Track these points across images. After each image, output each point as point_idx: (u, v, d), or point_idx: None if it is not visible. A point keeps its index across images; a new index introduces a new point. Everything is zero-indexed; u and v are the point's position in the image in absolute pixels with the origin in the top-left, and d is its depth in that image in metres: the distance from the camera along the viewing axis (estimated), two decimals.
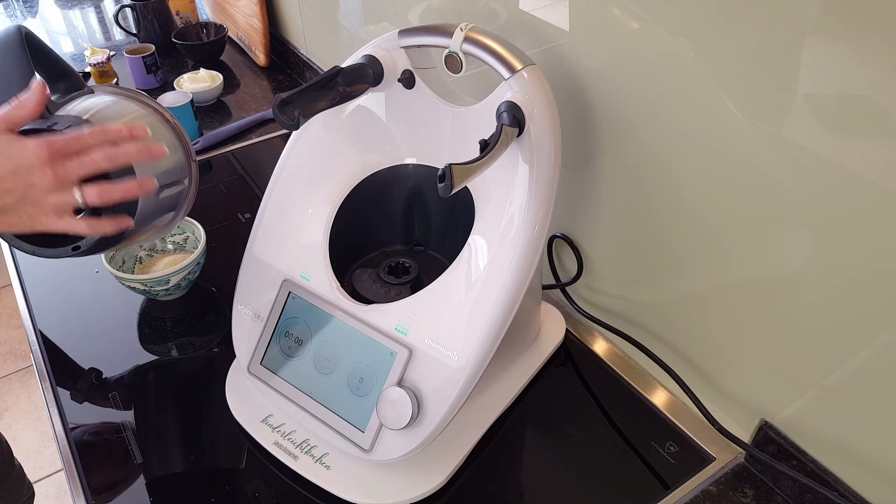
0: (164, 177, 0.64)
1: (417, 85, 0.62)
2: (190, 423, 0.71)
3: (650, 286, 0.71)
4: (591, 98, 0.66)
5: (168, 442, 0.69)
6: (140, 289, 0.81)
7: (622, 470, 0.66)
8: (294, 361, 0.64)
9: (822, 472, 0.59)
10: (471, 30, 0.58)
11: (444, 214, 0.70)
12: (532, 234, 0.55)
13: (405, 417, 0.56)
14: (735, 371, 0.65)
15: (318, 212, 0.65)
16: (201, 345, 0.80)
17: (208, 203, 1.02)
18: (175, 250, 0.90)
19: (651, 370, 0.75)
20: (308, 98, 0.55)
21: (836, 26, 0.45)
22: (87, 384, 0.76)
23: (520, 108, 0.55)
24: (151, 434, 0.70)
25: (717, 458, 0.66)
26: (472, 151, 0.52)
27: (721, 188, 0.58)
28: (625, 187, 0.68)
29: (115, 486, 0.66)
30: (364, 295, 0.64)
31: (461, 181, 0.47)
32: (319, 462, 0.64)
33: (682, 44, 0.56)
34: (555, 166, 0.56)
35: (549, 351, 0.76)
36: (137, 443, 0.69)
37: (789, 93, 0.49)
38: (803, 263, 0.54)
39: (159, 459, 0.68)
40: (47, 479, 1.59)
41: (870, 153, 0.46)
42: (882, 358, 0.51)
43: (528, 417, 0.71)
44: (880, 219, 0.47)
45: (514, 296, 0.55)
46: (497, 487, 0.65)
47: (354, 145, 0.67)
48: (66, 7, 1.77)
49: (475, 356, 0.55)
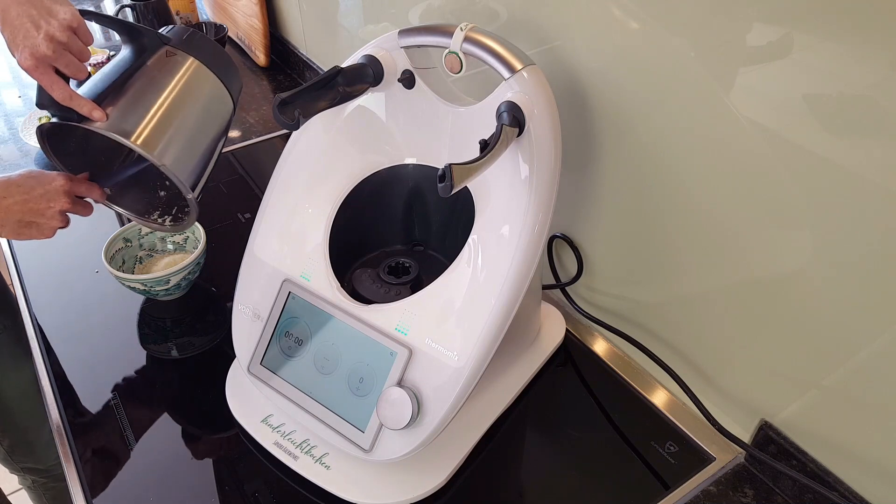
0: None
1: (417, 85, 0.62)
2: (190, 423, 0.71)
3: (650, 286, 0.71)
4: (591, 98, 0.66)
5: (168, 442, 0.69)
6: (140, 289, 0.81)
7: (622, 470, 0.66)
8: (294, 361, 0.64)
9: (822, 473, 0.59)
10: (471, 30, 0.58)
11: (444, 214, 0.70)
12: (532, 234, 0.55)
13: (405, 417, 0.56)
14: (735, 371, 0.65)
15: (318, 212, 0.65)
16: (201, 345, 0.80)
17: (208, 203, 1.02)
18: (175, 250, 0.90)
19: (651, 370, 0.75)
20: (308, 98, 0.55)
21: (837, 26, 0.45)
22: (87, 384, 0.76)
23: (520, 108, 0.55)
24: (151, 434, 0.70)
25: (717, 458, 0.66)
26: (472, 151, 0.52)
27: (721, 188, 0.58)
28: (625, 187, 0.68)
29: (114, 486, 0.66)
30: (364, 295, 0.64)
31: (461, 181, 0.47)
32: (319, 462, 0.64)
33: (682, 44, 0.56)
34: (555, 166, 0.56)
35: (549, 351, 0.76)
36: (137, 442, 0.69)
37: (789, 93, 0.49)
38: (803, 263, 0.54)
39: (159, 459, 0.68)
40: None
41: (870, 153, 0.46)
42: (882, 358, 0.52)
43: (528, 417, 0.71)
44: (880, 219, 0.47)
45: (514, 296, 0.55)
46: (497, 487, 0.65)
47: (354, 145, 0.67)
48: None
49: (475, 356, 0.55)
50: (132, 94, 0.67)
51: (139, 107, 0.66)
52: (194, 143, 0.70)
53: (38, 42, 0.61)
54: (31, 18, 0.61)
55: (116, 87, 0.66)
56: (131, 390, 0.75)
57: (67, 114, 0.64)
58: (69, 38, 0.63)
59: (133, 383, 0.76)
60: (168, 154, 0.66)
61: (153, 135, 0.66)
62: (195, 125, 0.70)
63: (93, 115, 0.63)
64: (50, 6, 0.62)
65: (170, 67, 0.69)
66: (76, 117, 0.64)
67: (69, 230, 0.72)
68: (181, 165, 0.68)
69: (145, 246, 0.88)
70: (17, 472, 1.09)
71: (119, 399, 0.74)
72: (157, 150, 0.66)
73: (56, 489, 1.14)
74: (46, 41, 0.61)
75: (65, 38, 0.62)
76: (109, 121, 0.64)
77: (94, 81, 0.67)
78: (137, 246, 0.88)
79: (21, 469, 1.08)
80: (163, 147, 0.66)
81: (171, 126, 0.68)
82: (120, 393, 0.74)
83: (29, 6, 0.62)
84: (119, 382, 0.76)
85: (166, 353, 0.80)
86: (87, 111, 0.63)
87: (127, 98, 0.66)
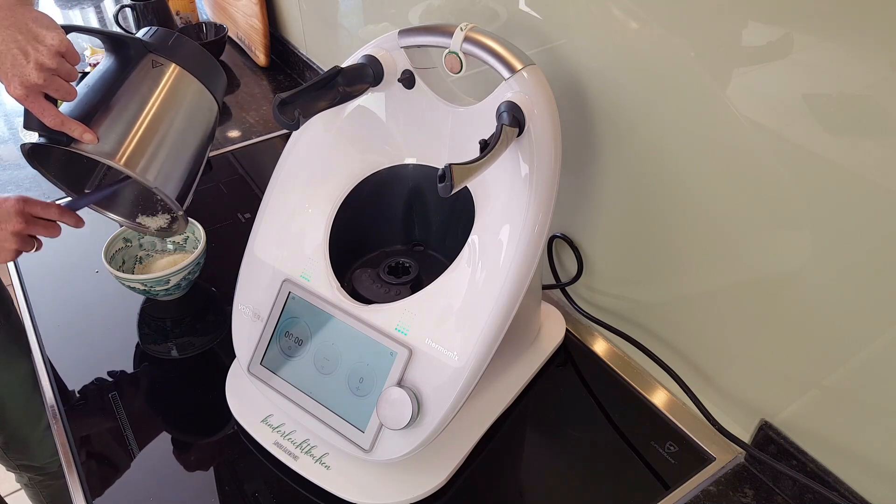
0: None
1: (417, 85, 0.62)
2: (190, 423, 0.71)
3: (650, 286, 0.71)
4: (591, 98, 0.66)
5: (168, 442, 0.69)
6: (140, 289, 0.81)
7: (622, 470, 0.66)
8: (294, 361, 0.64)
9: (822, 473, 0.59)
10: (471, 30, 0.58)
11: (444, 214, 0.70)
12: (532, 234, 0.55)
13: (405, 417, 0.56)
14: (735, 371, 0.65)
15: (318, 212, 0.65)
16: (201, 345, 0.80)
17: (208, 203, 1.02)
18: (175, 250, 0.90)
19: (651, 370, 0.75)
20: (308, 98, 0.55)
21: (837, 26, 0.45)
22: (87, 384, 0.76)
23: (520, 108, 0.55)
24: (151, 434, 0.70)
25: (717, 458, 0.66)
26: (472, 151, 0.52)
27: (721, 188, 0.58)
28: (625, 187, 0.68)
29: (114, 486, 0.66)
30: (364, 295, 0.64)
31: (461, 181, 0.47)
32: (319, 462, 0.64)
33: (682, 44, 0.56)
34: (555, 166, 0.56)
35: (549, 351, 0.76)
36: (137, 443, 0.69)
37: (789, 93, 0.49)
38: (803, 263, 0.54)
39: (159, 459, 0.68)
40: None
41: (870, 153, 0.46)
42: (882, 358, 0.51)
43: (528, 417, 0.71)
44: (880, 219, 0.47)
45: (514, 296, 0.55)
46: (497, 487, 0.65)
47: (354, 145, 0.67)
48: (66, 7, 1.77)
49: (475, 356, 0.55)
50: (121, 113, 0.67)
51: (129, 127, 0.67)
52: (183, 157, 0.71)
53: (28, 71, 0.60)
54: (17, 44, 0.60)
55: (103, 105, 0.66)
56: (131, 390, 0.75)
57: (57, 136, 0.64)
58: (59, 64, 0.62)
59: (133, 383, 0.76)
60: (161, 175, 0.68)
61: (147, 159, 0.67)
62: (183, 140, 0.71)
63: (84, 137, 0.64)
64: (36, 31, 0.61)
65: (156, 80, 0.69)
66: (65, 140, 0.64)
67: (69, 230, 0.72)
68: (171, 184, 0.69)
69: (145, 246, 0.88)
70: (13, 470, 1.09)
71: (119, 399, 0.74)
72: (152, 174, 0.67)
73: (53, 487, 1.14)
74: (37, 70, 0.60)
75: (54, 65, 0.61)
76: (101, 144, 0.65)
77: (80, 98, 0.66)
78: (137, 246, 0.87)
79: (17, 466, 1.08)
80: (156, 170, 0.67)
81: (162, 146, 0.68)
82: (120, 393, 0.74)
83: (14, 31, 0.60)
84: (119, 382, 0.76)
85: (166, 353, 0.80)
86: (78, 134, 0.63)
87: (115, 117, 0.66)
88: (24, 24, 0.61)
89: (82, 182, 0.77)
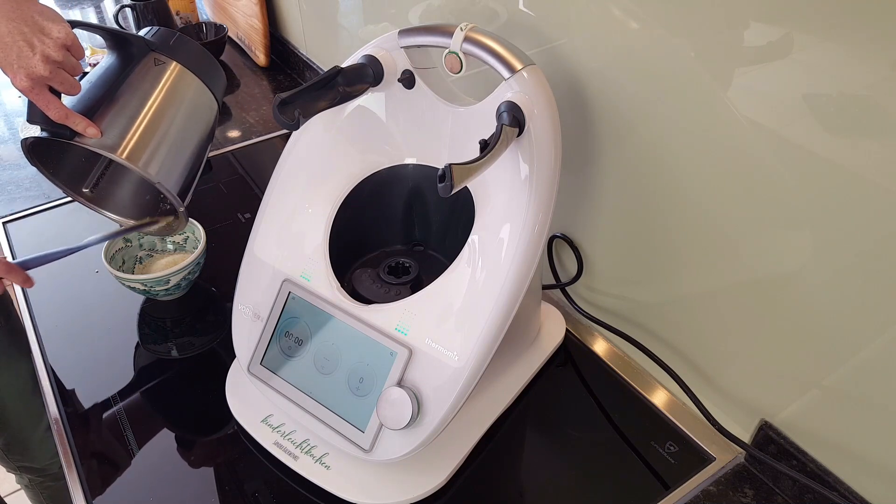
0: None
1: (417, 85, 0.62)
2: (190, 422, 0.71)
3: (650, 286, 0.71)
4: (591, 98, 0.66)
5: (168, 442, 0.69)
6: (140, 289, 0.81)
7: (622, 470, 0.66)
8: (294, 361, 0.64)
9: (823, 473, 0.59)
10: (471, 30, 0.58)
11: (444, 214, 0.70)
12: (532, 234, 0.55)
13: (405, 417, 0.56)
14: (735, 371, 0.65)
15: (318, 212, 0.65)
16: (201, 345, 0.80)
17: (208, 203, 1.02)
18: (175, 250, 0.90)
19: (651, 370, 0.75)
20: (308, 98, 0.55)
21: (837, 26, 0.45)
22: (87, 385, 0.76)
23: (520, 108, 0.55)
24: (151, 434, 0.70)
25: (717, 458, 0.66)
26: (472, 151, 0.52)
27: (721, 188, 0.58)
28: (625, 187, 0.68)
29: (114, 487, 0.66)
30: (364, 295, 0.64)
31: (461, 181, 0.47)
32: (319, 462, 0.64)
33: (681, 44, 0.56)
34: (555, 166, 0.56)
35: (549, 351, 0.76)
36: (137, 443, 0.69)
37: (789, 93, 0.49)
38: (803, 263, 0.54)
39: (159, 459, 0.68)
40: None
41: (870, 153, 0.46)
42: (882, 358, 0.52)
43: (528, 417, 0.71)
44: (880, 219, 0.47)
45: (514, 296, 0.55)
46: (497, 487, 0.65)
47: (354, 145, 0.67)
48: (66, 7, 1.77)
49: (475, 356, 0.55)
50: (123, 109, 0.67)
51: (131, 122, 0.67)
52: (184, 153, 0.72)
53: (35, 63, 0.60)
54: (23, 36, 0.60)
55: (106, 100, 0.67)
56: (131, 390, 0.75)
57: (60, 130, 0.64)
58: (64, 57, 0.62)
59: (133, 383, 0.76)
60: (162, 170, 0.68)
61: (149, 154, 0.67)
62: (184, 136, 0.72)
63: (87, 132, 0.64)
64: (42, 24, 0.61)
65: (157, 77, 0.70)
66: (68, 133, 0.64)
67: (69, 231, 0.72)
68: (172, 179, 0.69)
69: (145, 246, 0.88)
70: (13, 471, 1.09)
71: (119, 399, 0.74)
72: (154, 168, 0.67)
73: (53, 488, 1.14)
74: (43, 62, 0.61)
75: (60, 58, 0.62)
76: (103, 138, 0.65)
77: (82, 94, 0.67)
78: (137, 246, 0.88)
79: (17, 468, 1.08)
80: (158, 164, 0.68)
81: (164, 142, 0.69)
82: (120, 393, 0.74)
83: (20, 23, 0.60)
84: (119, 382, 0.76)
85: (166, 353, 0.80)
86: (81, 128, 0.64)
87: (118, 113, 0.67)
88: (30, 16, 0.61)
89: (80, 181, 0.77)
